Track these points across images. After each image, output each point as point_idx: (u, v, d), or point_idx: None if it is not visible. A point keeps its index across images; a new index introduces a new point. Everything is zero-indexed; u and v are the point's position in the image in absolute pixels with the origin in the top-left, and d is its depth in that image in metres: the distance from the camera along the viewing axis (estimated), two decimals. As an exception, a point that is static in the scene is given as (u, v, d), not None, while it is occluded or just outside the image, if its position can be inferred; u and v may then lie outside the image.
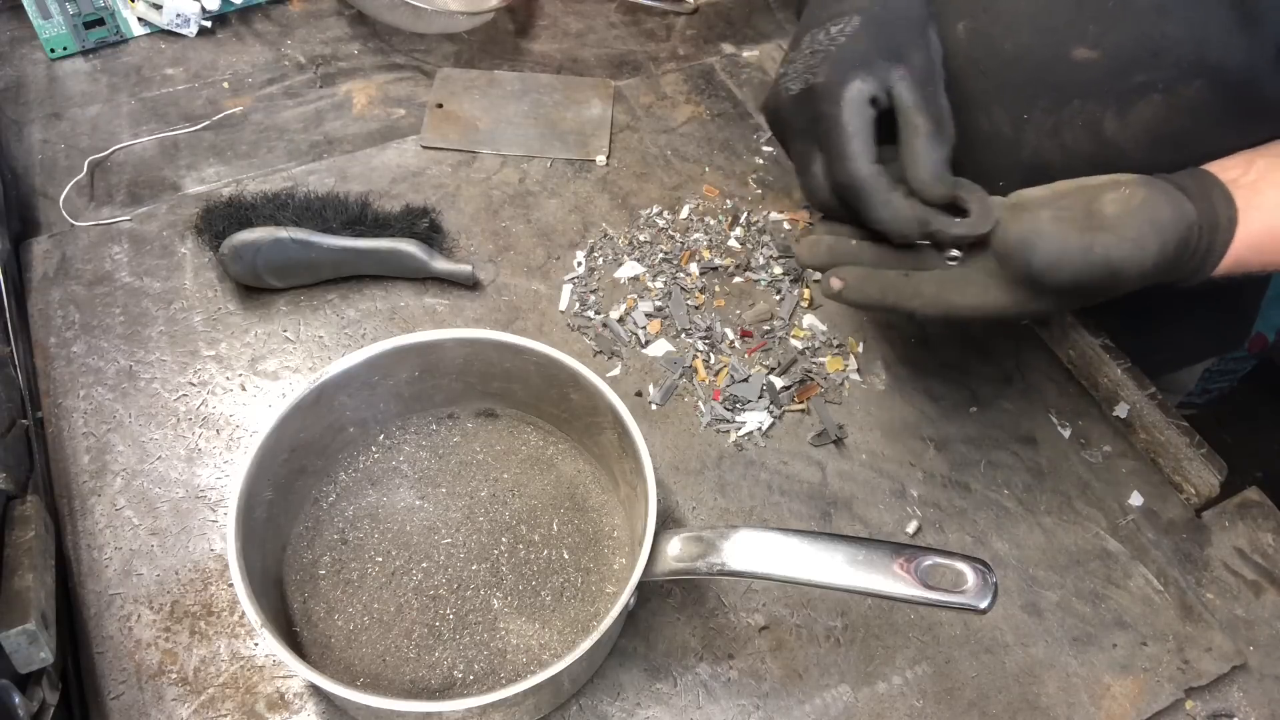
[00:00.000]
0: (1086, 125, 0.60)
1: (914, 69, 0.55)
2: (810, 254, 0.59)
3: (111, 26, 0.87)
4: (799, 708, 0.54)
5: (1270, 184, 0.53)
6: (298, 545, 0.56)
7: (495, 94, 0.86)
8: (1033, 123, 0.61)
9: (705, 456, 0.64)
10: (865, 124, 0.54)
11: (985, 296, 0.54)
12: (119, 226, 0.73)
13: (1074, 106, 0.59)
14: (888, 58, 0.55)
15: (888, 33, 0.56)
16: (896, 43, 0.56)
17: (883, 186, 0.54)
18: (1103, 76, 0.58)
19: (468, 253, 0.74)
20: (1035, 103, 0.61)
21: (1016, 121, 0.62)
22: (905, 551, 0.47)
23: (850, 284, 0.56)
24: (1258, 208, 0.53)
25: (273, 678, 0.53)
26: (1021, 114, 0.61)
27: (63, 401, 0.63)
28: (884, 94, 0.55)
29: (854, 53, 0.55)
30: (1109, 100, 0.58)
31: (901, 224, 0.54)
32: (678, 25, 0.97)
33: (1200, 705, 0.56)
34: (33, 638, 0.45)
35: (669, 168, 0.81)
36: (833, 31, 0.56)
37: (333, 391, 0.55)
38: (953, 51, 0.63)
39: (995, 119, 0.63)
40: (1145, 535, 0.62)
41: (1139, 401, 0.68)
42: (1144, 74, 0.56)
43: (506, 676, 0.52)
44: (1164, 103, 0.57)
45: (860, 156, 0.54)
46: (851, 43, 0.56)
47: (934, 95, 0.56)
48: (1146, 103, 0.57)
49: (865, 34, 0.56)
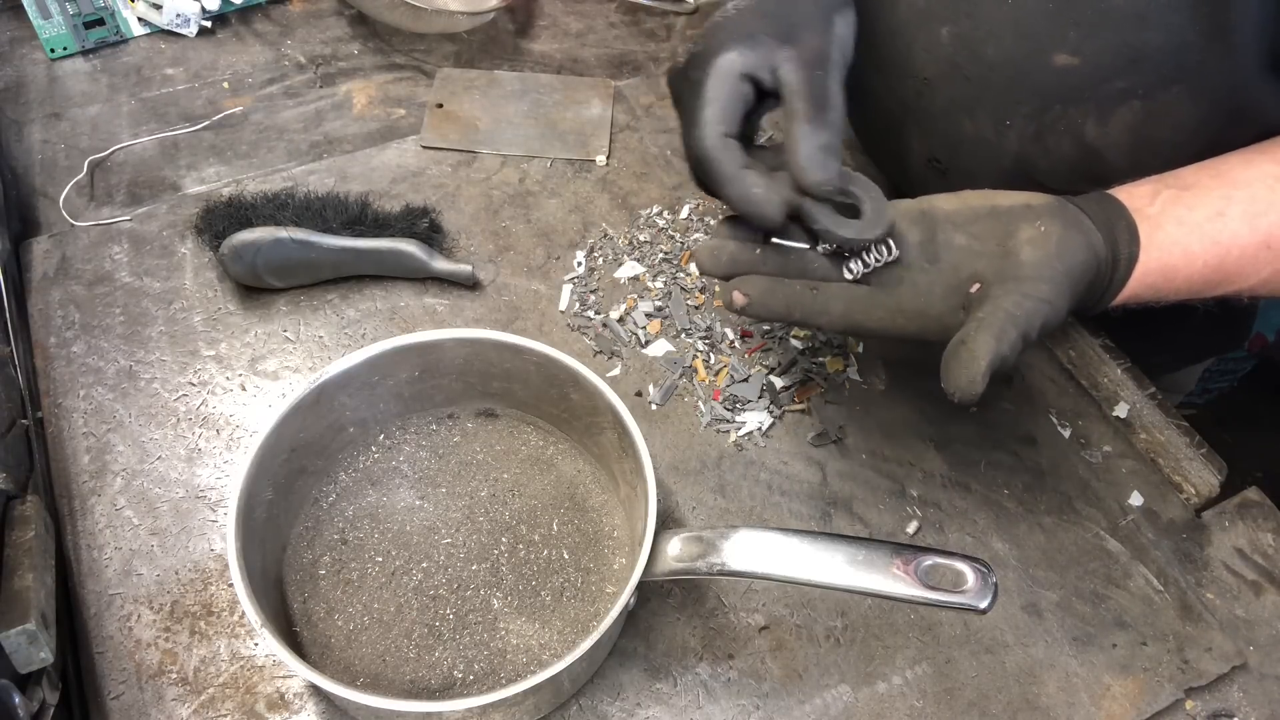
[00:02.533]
0: (1068, 130, 0.60)
1: (804, 51, 0.51)
2: (711, 261, 0.53)
3: (111, 26, 0.87)
4: (799, 708, 0.54)
5: (1171, 218, 0.53)
6: (298, 545, 0.56)
7: (495, 94, 0.85)
8: (1015, 127, 0.61)
9: (705, 456, 0.64)
10: (728, 95, 0.51)
11: (894, 322, 0.52)
12: (119, 226, 0.73)
13: (1055, 111, 0.60)
14: (778, 37, 0.51)
15: (784, 11, 0.52)
16: (791, 23, 0.52)
17: (731, 160, 0.50)
18: (1083, 83, 0.58)
19: (468, 253, 0.74)
20: (1018, 108, 0.61)
21: (999, 126, 0.62)
22: (905, 551, 0.47)
23: (754, 298, 0.52)
24: (1158, 245, 0.52)
25: (273, 678, 0.53)
26: (1004, 119, 0.62)
27: (63, 401, 0.63)
28: (768, 73, 0.51)
29: (740, 25, 0.52)
30: (1090, 106, 0.58)
31: (752, 204, 0.50)
32: (678, 25, 0.97)
33: (1200, 705, 0.56)
34: (33, 638, 0.45)
35: (669, 168, 0.81)
36: (729, 6, 0.54)
37: (333, 391, 0.55)
38: (937, 56, 0.63)
39: (979, 123, 0.63)
40: (1145, 535, 0.62)
41: (1139, 401, 0.68)
42: (1124, 80, 0.57)
43: (506, 676, 0.52)
44: (1144, 109, 0.57)
45: (710, 125, 0.50)
46: (741, 16, 0.53)
47: (822, 80, 0.51)
48: (1127, 108, 0.57)
49: (760, 9, 0.53)
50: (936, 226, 0.52)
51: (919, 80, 0.65)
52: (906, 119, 0.68)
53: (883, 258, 0.51)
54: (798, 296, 0.52)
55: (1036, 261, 0.50)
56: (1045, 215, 0.51)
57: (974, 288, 0.51)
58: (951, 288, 0.51)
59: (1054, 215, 0.52)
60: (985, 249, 0.51)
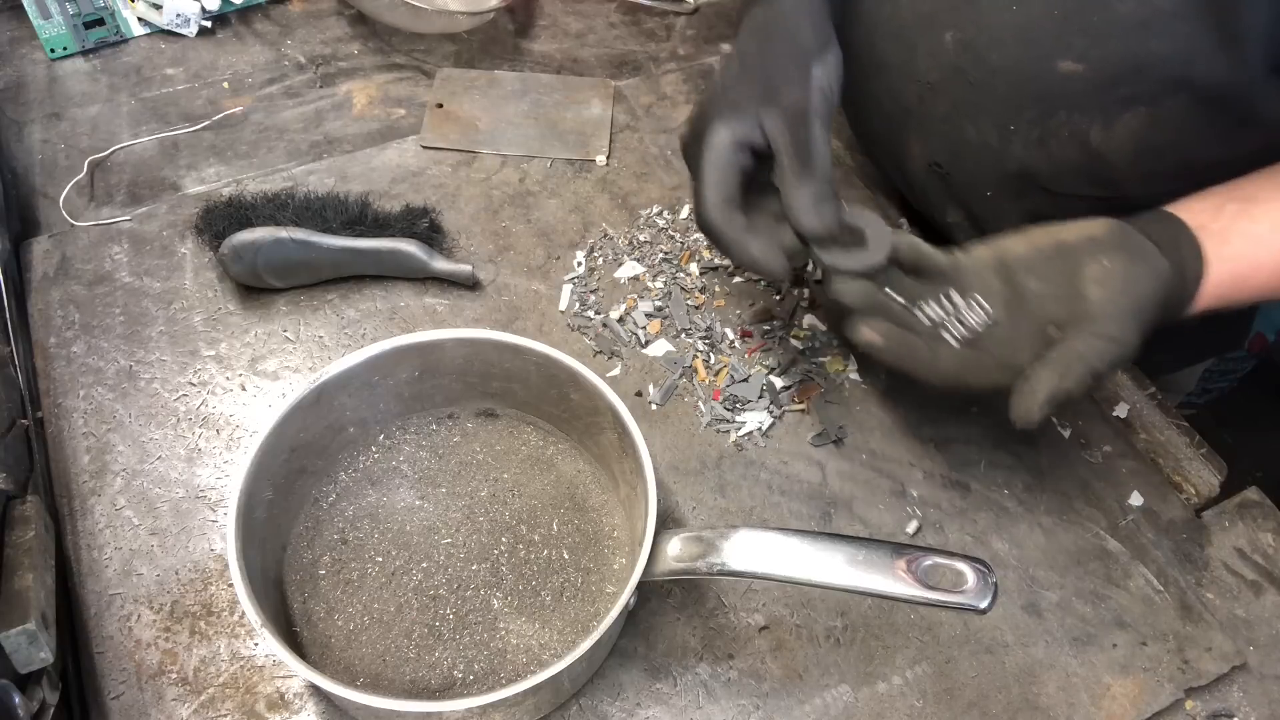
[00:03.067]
0: (1073, 136, 0.60)
1: (785, 108, 0.55)
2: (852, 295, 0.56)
3: (111, 26, 0.87)
4: (799, 708, 0.54)
5: (1237, 232, 0.54)
6: (298, 545, 0.56)
7: (495, 94, 0.86)
8: (1019, 133, 0.62)
9: (705, 456, 0.64)
10: (724, 167, 0.55)
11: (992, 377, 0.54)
12: (119, 226, 0.73)
13: (1060, 118, 0.60)
14: (761, 99, 0.55)
15: (764, 74, 0.56)
16: (772, 83, 0.56)
17: (732, 227, 0.54)
18: (1088, 89, 0.58)
19: (468, 253, 0.74)
20: (1021, 114, 0.61)
21: (1003, 131, 0.62)
22: (905, 551, 0.47)
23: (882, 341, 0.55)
24: (1225, 259, 0.53)
25: (273, 678, 0.53)
26: (1008, 124, 0.62)
27: (63, 401, 0.63)
28: (759, 136, 0.55)
29: (723, 99, 0.56)
30: (1094, 112, 0.58)
31: (756, 266, 0.55)
32: (678, 25, 0.97)
33: (1200, 705, 0.56)
34: (33, 638, 0.45)
35: (669, 168, 0.81)
36: (717, 74, 0.58)
37: (333, 391, 0.55)
38: (940, 61, 0.63)
39: (981, 128, 0.63)
40: (1145, 535, 0.62)
41: (1139, 401, 0.68)
42: (1129, 88, 0.57)
43: (506, 676, 0.52)
44: (1149, 115, 0.57)
45: (710, 199, 0.54)
46: (724, 89, 0.56)
47: (804, 134, 0.55)
48: (1132, 115, 0.57)
49: (740, 77, 0.56)
50: (1014, 275, 0.54)
51: (921, 85, 0.65)
52: (908, 123, 0.68)
53: (980, 319, 0.53)
54: (916, 349, 0.54)
55: (1103, 300, 0.51)
56: (1109, 249, 0.52)
57: (1052, 330, 0.52)
58: (1034, 335, 0.53)
59: (1118, 248, 0.52)
60: (1057, 292, 0.52)
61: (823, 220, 0.54)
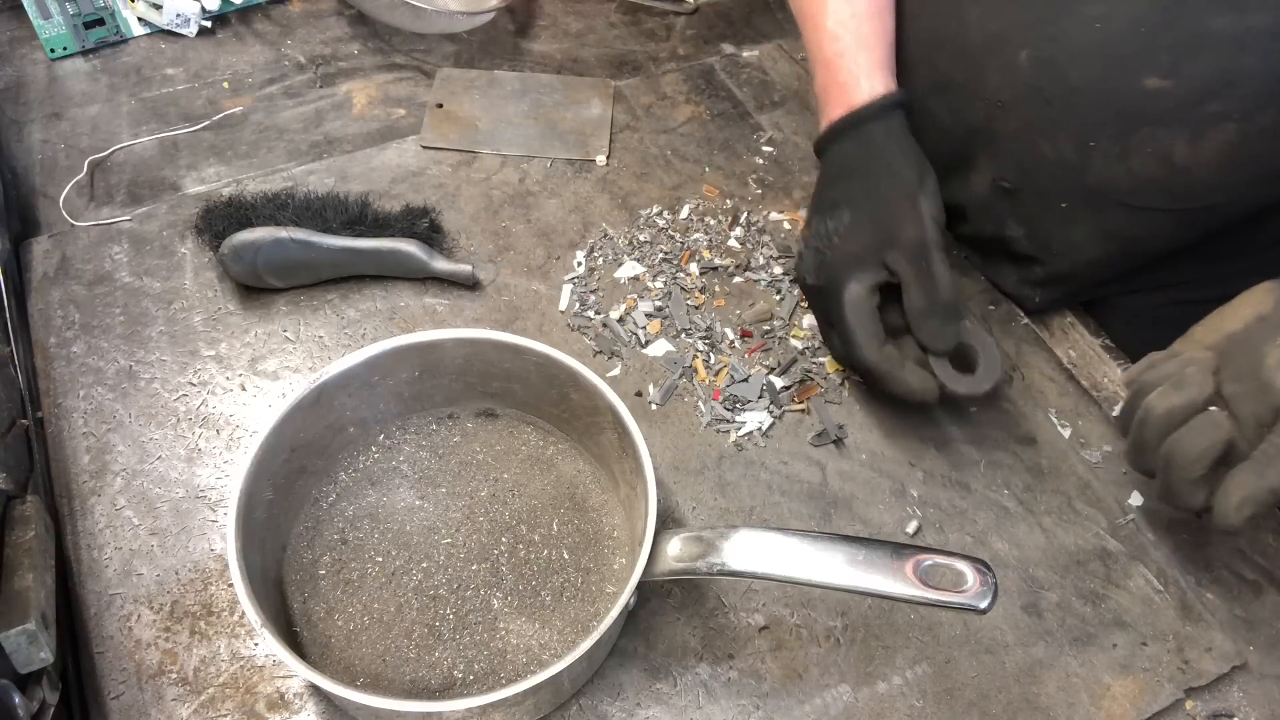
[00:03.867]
0: (1156, 152, 0.59)
1: (906, 247, 0.59)
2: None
3: (111, 26, 0.87)
4: (799, 708, 0.54)
5: None
6: (298, 545, 0.56)
7: (495, 94, 0.86)
8: (1099, 149, 0.61)
9: (705, 456, 0.64)
10: (866, 317, 0.59)
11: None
12: (119, 226, 0.73)
13: (1143, 134, 0.59)
14: (880, 245, 0.59)
15: (878, 220, 0.59)
16: (888, 227, 0.59)
17: (893, 366, 0.59)
18: (1175, 106, 0.57)
19: (468, 253, 0.74)
20: (1103, 130, 0.60)
21: (1082, 147, 0.61)
22: (905, 551, 0.47)
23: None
24: None
25: (273, 678, 0.53)
26: (1087, 140, 0.61)
27: (63, 401, 0.63)
28: (884, 274, 0.59)
29: (847, 254, 0.59)
30: (1180, 128, 0.58)
31: (916, 397, 0.59)
32: (678, 25, 0.97)
33: (1200, 705, 0.56)
34: (33, 638, 0.45)
35: (669, 168, 0.81)
36: (830, 226, 0.61)
37: (333, 391, 0.55)
38: (1013, 79, 0.62)
39: (1059, 145, 0.62)
40: (1145, 535, 0.62)
41: (1139, 401, 0.68)
42: (1219, 104, 0.56)
43: (506, 676, 0.52)
44: (1239, 130, 0.56)
45: (867, 346, 0.58)
46: (844, 243, 0.60)
47: (927, 266, 0.59)
48: (1220, 130, 0.57)
49: (856, 229, 0.59)
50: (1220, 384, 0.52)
51: (990, 104, 0.64)
52: (973, 141, 0.68)
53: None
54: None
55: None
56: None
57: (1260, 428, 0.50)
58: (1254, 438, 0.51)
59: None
60: (1248, 389, 0.50)
61: (946, 344, 0.59)
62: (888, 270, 0.59)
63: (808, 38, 0.68)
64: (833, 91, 0.64)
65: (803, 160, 0.83)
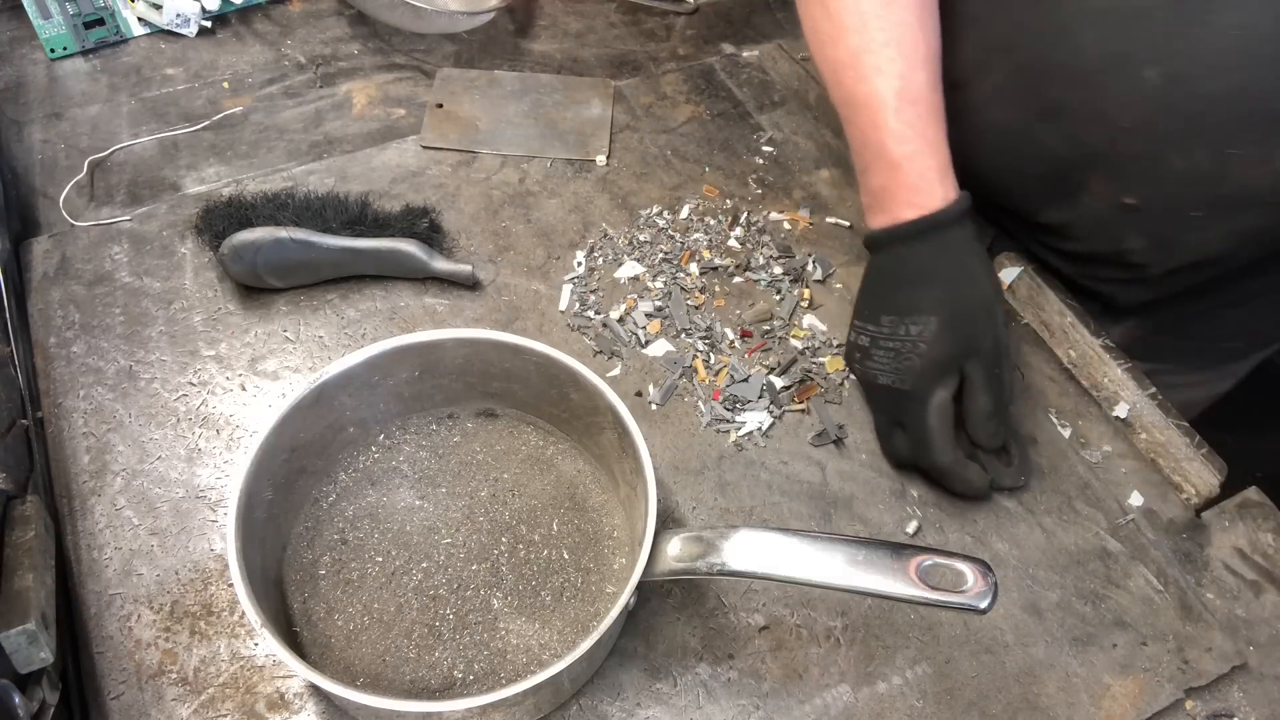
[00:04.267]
0: None
1: (984, 357, 0.60)
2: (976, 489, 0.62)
3: (111, 26, 0.87)
4: (799, 708, 0.54)
5: None
6: (298, 545, 0.56)
7: (495, 94, 0.86)
8: (1239, 155, 0.60)
9: (705, 456, 0.64)
10: (947, 423, 0.61)
11: None
12: (119, 226, 0.73)
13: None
14: (964, 354, 0.60)
15: (964, 331, 0.60)
16: (971, 336, 0.60)
17: (961, 467, 0.61)
18: None
19: (468, 253, 0.74)
20: (1244, 135, 0.59)
21: (1218, 156, 0.60)
22: (905, 551, 0.47)
23: None
24: None
25: (273, 678, 0.53)
26: (1225, 148, 0.60)
27: (63, 401, 0.63)
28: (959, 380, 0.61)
29: (935, 364, 0.60)
30: None
31: (975, 492, 0.62)
32: (678, 25, 0.97)
33: (1200, 705, 0.56)
34: (33, 638, 0.45)
35: (669, 168, 0.81)
36: (913, 332, 0.61)
37: (333, 391, 0.55)
38: (1140, 98, 0.61)
39: (1194, 156, 0.61)
40: (1145, 535, 0.62)
41: (1139, 401, 0.68)
42: None
43: (506, 676, 0.52)
44: None
45: (944, 451, 0.60)
46: (932, 350, 0.60)
47: (999, 375, 0.61)
48: None
49: (944, 339, 0.60)
50: None
51: (1113, 126, 0.63)
52: (1093, 164, 0.66)
53: None
54: None
55: None
56: None
57: None
58: None
59: None
60: None
61: (999, 442, 0.62)
62: (961, 375, 0.61)
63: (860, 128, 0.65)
64: (900, 194, 0.63)
65: (802, 160, 0.83)
